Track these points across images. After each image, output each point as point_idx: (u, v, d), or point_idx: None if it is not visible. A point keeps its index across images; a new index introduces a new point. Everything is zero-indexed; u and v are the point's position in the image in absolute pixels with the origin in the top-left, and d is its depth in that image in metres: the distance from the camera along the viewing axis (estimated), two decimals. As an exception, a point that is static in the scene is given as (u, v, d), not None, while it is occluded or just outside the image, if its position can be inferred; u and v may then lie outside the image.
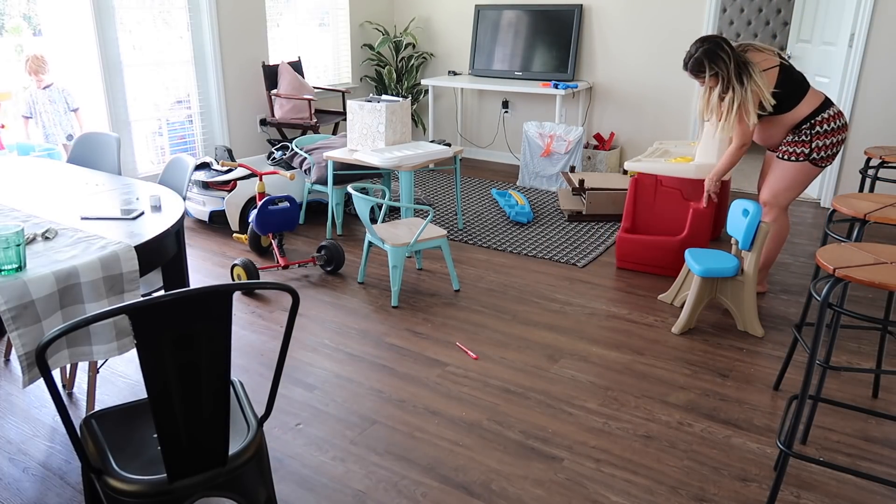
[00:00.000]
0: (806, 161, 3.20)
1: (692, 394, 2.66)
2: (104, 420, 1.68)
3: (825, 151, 3.17)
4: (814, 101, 3.15)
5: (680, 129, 5.65)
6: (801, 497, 2.10)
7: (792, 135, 3.22)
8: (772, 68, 3.11)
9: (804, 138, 3.17)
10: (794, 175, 3.25)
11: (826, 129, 3.14)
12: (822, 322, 1.86)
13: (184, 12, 5.07)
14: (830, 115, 3.14)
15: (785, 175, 3.26)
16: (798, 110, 3.14)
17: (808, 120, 3.15)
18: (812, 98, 3.15)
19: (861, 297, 3.57)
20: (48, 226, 2.21)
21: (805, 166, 3.21)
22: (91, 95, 4.65)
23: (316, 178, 4.47)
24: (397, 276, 3.38)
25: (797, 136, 3.20)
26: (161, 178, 2.92)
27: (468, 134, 6.76)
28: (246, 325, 3.22)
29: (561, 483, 2.16)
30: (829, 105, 3.16)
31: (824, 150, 3.17)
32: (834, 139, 3.16)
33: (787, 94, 3.12)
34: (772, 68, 3.11)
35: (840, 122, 3.16)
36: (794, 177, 3.25)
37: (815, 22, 5.27)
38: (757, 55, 3.14)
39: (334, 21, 6.43)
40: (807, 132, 3.16)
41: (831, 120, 3.14)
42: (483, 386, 2.71)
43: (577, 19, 5.81)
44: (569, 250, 4.19)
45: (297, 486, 2.15)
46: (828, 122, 3.14)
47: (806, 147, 3.17)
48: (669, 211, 3.82)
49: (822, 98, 3.16)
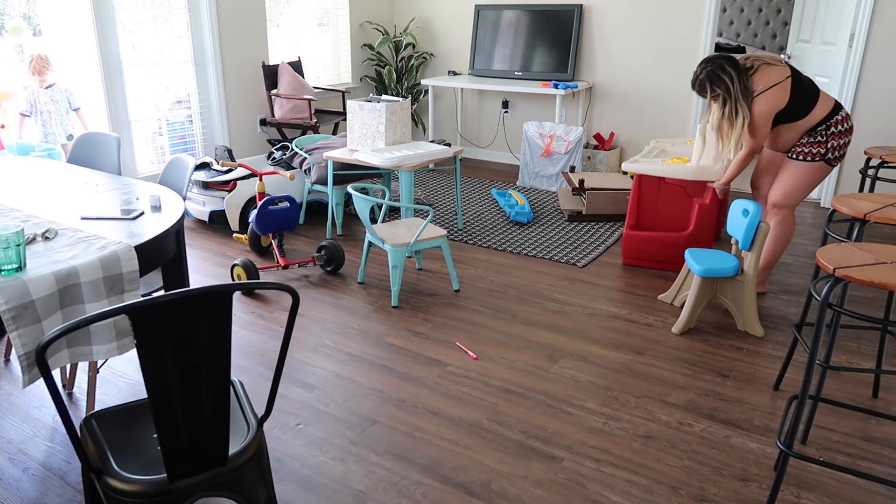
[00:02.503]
0: (822, 161, 3.24)
1: (692, 394, 2.66)
2: (104, 420, 1.68)
3: (839, 151, 3.23)
4: (827, 105, 3.20)
5: (680, 130, 5.65)
6: (801, 497, 2.10)
7: (807, 136, 3.25)
8: (784, 80, 3.14)
9: (820, 139, 3.21)
10: (809, 175, 3.28)
11: (841, 130, 3.20)
12: (822, 322, 1.86)
13: (184, 12, 5.07)
14: (843, 117, 3.21)
15: (801, 175, 3.29)
16: (813, 115, 3.19)
17: (823, 122, 3.20)
18: (825, 102, 3.20)
19: (861, 297, 3.57)
20: (48, 226, 2.21)
21: (820, 166, 3.25)
22: (91, 95, 4.65)
23: (316, 178, 4.47)
24: (397, 276, 3.38)
25: (813, 138, 3.23)
26: (161, 179, 2.92)
27: (468, 134, 6.76)
28: (246, 325, 3.22)
29: (561, 483, 2.16)
30: (840, 107, 3.23)
31: (838, 150, 3.23)
32: (846, 139, 3.23)
33: (802, 102, 3.17)
34: (784, 80, 3.14)
35: (850, 124, 3.24)
36: (809, 177, 3.29)
37: (815, 22, 5.27)
38: (769, 70, 3.16)
39: (334, 21, 6.43)
40: (823, 133, 3.20)
41: (844, 121, 3.21)
42: (483, 386, 2.71)
43: (577, 19, 5.81)
44: (569, 250, 4.19)
45: (297, 486, 2.15)
46: (841, 123, 3.20)
47: (822, 147, 3.21)
48: (673, 207, 3.83)
49: (834, 101, 3.22)
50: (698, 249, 3.27)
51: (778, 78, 3.14)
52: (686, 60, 5.47)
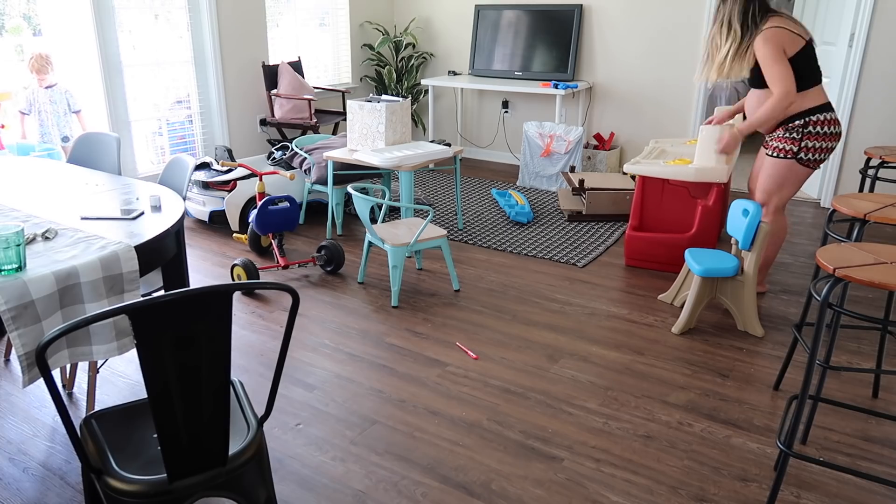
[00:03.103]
0: (793, 160, 3.15)
1: (692, 394, 2.66)
2: (104, 420, 1.68)
3: (814, 154, 3.11)
4: (818, 98, 3.08)
5: (680, 130, 5.65)
6: (801, 497, 2.10)
7: (783, 129, 3.15)
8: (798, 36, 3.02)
9: (794, 136, 3.11)
10: (781, 173, 3.20)
11: (819, 132, 3.08)
12: (822, 322, 1.86)
13: (184, 12, 5.07)
14: (828, 119, 3.08)
15: (773, 173, 3.22)
16: (802, 100, 3.07)
17: (803, 116, 3.09)
18: (817, 94, 3.08)
19: (861, 297, 3.57)
20: (48, 226, 2.21)
21: (792, 165, 3.16)
22: (91, 95, 4.65)
23: (316, 178, 4.47)
24: (397, 276, 3.38)
25: (787, 133, 3.13)
26: (161, 178, 2.92)
27: (468, 134, 6.76)
28: (246, 325, 3.22)
29: (561, 483, 2.16)
30: (829, 108, 3.10)
31: (813, 153, 3.11)
32: (825, 144, 3.10)
33: (800, 74, 3.04)
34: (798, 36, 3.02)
35: (835, 130, 3.10)
36: (782, 175, 3.20)
37: (815, 22, 5.27)
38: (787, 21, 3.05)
39: (334, 21, 6.43)
40: (799, 129, 3.10)
41: (827, 124, 3.08)
42: (483, 386, 2.71)
43: (577, 19, 5.82)
44: (569, 250, 4.19)
45: (297, 486, 2.15)
46: (822, 125, 3.08)
47: (794, 145, 3.11)
48: (677, 208, 3.82)
49: (826, 100, 3.10)
50: (698, 249, 3.26)
51: (792, 28, 3.02)
52: (686, 61, 5.47)
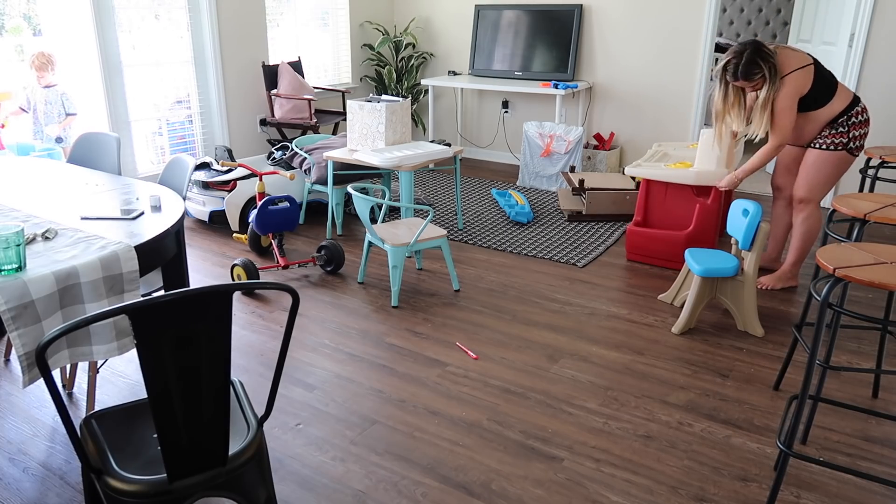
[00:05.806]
0: (843, 150, 3.29)
1: (692, 394, 2.66)
2: (104, 420, 1.68)
3: (860, 141, 3.30)
4: (847, 97, 3.26)
5: (680, 130, 5.65)
6: (801, 497, 2.10)
7: (829, 128, 3.30)
8: (808, 65, 3.19)
9: (842, 129, 3.27)
10: (832, 165, 3.33)
11: (860, 120, 3.28)
12: (822, 322, 1.86)
13: (184, 12, 5.07)
14: (863, 108, 3.29)
15: (824, 166, 3.34)
16: (832, 106, 3.25)
17: (844, 113, 3.25)
18: (844, 94, 3.26)
19: (861, 297, 3.57)
20: (48, 226, 2.20)
21: (843, 155, 3.31)
22: (91, 95, 4.65)
23: (316, 178, 4.47)
24: (397, 276, 3.38)
25: (835, 129, 3.29)
26: (161, 178, 2.92)
27: (468, 134, 6.76)
28: (246, 325, 3.22)
29: (561, 483, 2.16)
30: (859, 100, 3.29)
31: (858, 140, 3.29)
32: (865, 130, 3.30)
33: (821, 90, 3.22)
34: (808, 65, 3.19)
35: (868, 115, 3.31)
36: (832, 167, 3.33)
37: (815, 22, 5.27)
38: (790, 54, 3.20)
39: (334, 21, 6.43)
40: (844, 123, 3.26)
41: (864, 112, 3.29)
42: (483, 386, 2.71)
43: (577, 19, 5.81)
44: (569, 250, 4.19)
45: (297, 486, 2.15)
46: (861, 114, 3.28)
47: (844, 137, 3.28)
48: (681, 206, 3.87)
49: (853, 94, 3.29)
50: (698, 249, 3.27)
51: (799, 63, 3.18)
52: (686, 60, 5.47)
